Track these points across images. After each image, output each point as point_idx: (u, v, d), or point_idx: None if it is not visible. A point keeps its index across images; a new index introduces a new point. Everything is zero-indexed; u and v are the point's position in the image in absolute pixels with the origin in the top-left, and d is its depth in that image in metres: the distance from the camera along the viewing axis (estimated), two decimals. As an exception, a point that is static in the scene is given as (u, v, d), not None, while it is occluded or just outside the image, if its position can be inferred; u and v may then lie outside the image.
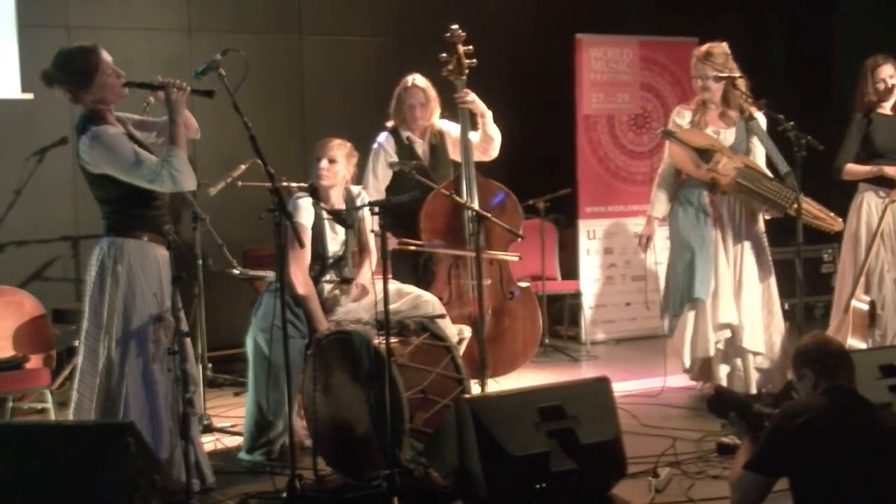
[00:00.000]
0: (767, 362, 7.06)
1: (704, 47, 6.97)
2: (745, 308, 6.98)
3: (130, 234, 5.18)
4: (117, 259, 5.13)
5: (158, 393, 5.16)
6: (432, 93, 7.02)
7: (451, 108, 7.05)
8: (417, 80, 7.01)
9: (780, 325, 7.10)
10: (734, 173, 6.81)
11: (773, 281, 7.16)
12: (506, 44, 9.67)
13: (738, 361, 7.03)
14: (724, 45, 6.97)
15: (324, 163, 6.15)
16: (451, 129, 7.11)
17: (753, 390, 7.01)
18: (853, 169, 7.34)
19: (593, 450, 5.04)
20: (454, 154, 7.09)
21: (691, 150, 6.83)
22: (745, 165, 6.85)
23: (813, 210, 6.87)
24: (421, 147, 7.04)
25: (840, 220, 7.03)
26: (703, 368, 7.18)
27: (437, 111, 7.07)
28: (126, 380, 5.10)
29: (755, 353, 7.01)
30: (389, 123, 7.07)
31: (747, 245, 7.07)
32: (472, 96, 6.97)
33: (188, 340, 5.24)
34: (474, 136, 7.03)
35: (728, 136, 6.97)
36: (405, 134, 7.01)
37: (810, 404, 4.12)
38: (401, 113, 7.03)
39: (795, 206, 6.62)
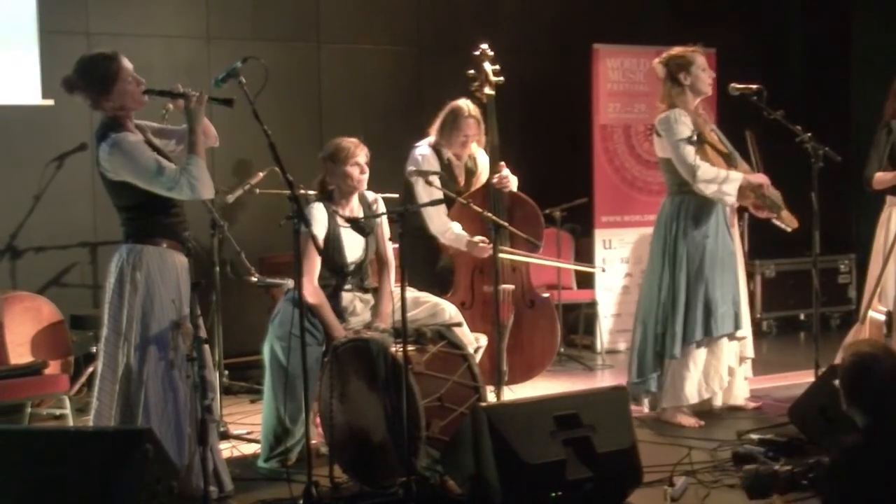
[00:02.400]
0: None
1: (682, 49, 6.84)
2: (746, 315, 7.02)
3: (149, 240, 5.20)
4: (136, 266, 5.15)
5: (178, 399, 5.18)
6: (482, 125, 7.07)
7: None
8: (473, 110, 7.03)
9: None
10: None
11: None
12: (523, 53, 9.67)
13: (738, 373, 7.02)
14: None
15: (356, 170, 6.13)
16: (482, 158, 7.20)
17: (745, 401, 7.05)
18: (882, 177, 7.33)
19: (609, 458, 5.06)
20: (475, 184, 7.14)
21: (721, 155, 6.75)
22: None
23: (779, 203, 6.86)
24: (459, 169, 7.12)
25: (795, 219, 6.96)
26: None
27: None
28: (145, 386, 5.12)
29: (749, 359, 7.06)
30: (432, 139, 7.11)
31: (740, 250, 7.07)
32: (506, 179, 7.04)
33: (206, 347, 5.26)
34: None
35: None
36: (447, 154, 7.07)
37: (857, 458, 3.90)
38: (450, 138, 7.05)
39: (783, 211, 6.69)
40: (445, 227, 6.94)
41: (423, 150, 7.07)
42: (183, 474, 5.12)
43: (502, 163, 7.05)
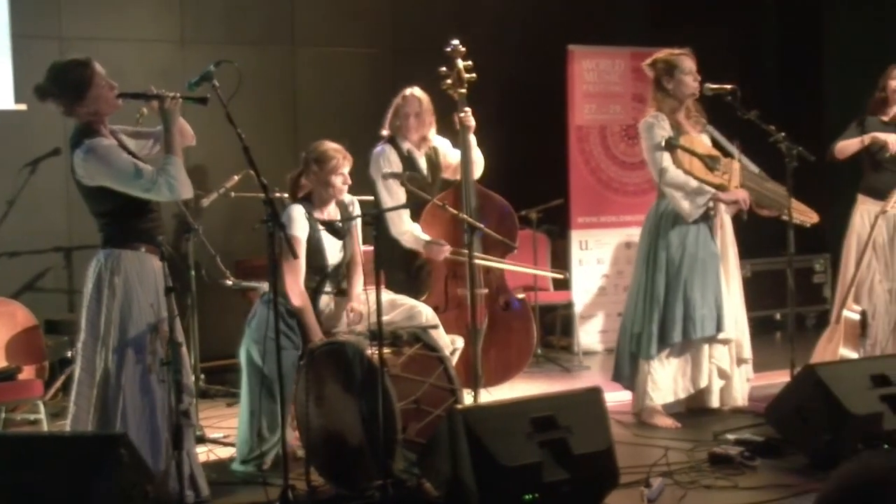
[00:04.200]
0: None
1: (668, 52, 6.85)
2: (739, 318, 6.97)
3: (128, 245, 5.17)
4: (114, 271, 5.12)
5: (156, 404, 5.15)
6: (428, 106, 7.06)
7: (446, 123, 7.11)
8: (416, 91, 7.07)
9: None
10: (741, 175, 6.78)
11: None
12: (498, 55, 9.69)
13: (735, 374, 6.99)
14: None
15: (340, 180, 6.14)
16: (443, 146, 7.20)
17: (746, 402, 7.02)
18: (844, 145, 7.37)
19: (585, 460, 5.05)
20: (445, 172, 7.14)
21: (699, 158, 6.71)
22: (742, 167, 6.83)
23: (797, 206, 6.83)
24: (420, 160, 7.08)
25: (814, 213, 6.98)
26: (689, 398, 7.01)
27: (433, 127, 7.11)
28: (123, 391, 5.09)
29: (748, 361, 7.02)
30: (385, 132, 7.10)
31: (733, 251, 7.04)
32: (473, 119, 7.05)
33: (184, 351, 5.24)
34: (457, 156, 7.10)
35: (706, 140, 6.92)
36: (405, 146, 7.04)
37: None
38: (396, 121, 7.06)
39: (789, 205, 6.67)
40: (405, 230, 6.92)
41: (379, 148, 7.04)
42: (160, 480, 5.10)
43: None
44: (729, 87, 6.72)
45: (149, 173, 5.05)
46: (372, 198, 7.03)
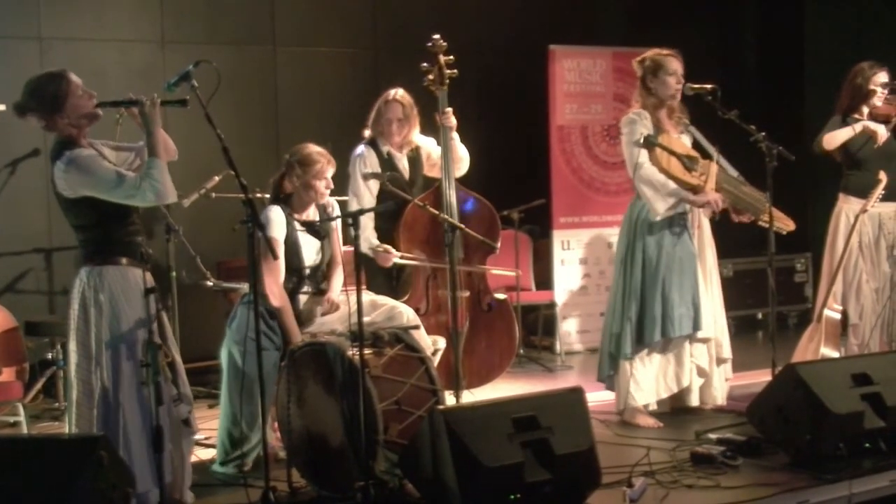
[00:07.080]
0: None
1: (657, 51, 6.83)
2: (718, 317, 6.97)
3: (109, 261, 5.12)
4: (98, 288, 5.07)
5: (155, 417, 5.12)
6: (412, 110, 7.00)
7: (429, 120, 7.08)
8: (399, 94, 6.99)
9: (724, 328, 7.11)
10: (718, 178, 6.75)
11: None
12: (480, 55, 9.70)
13: (714, 373, 6.99)
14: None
15: (323, 184, 6.14)
16: (427, 144, 7.14)
17: (725, 401, 7.02)
18: (832, 135, 7.35)
19: (567, 460, 5.04)
20: (429, 170, 7.11)
21: (677, 157, 6.69)
22: (720, 170, 6.82)
23: (775, 213, 6.81)
24: (401, 162, 7.04)
25: (791, 220, 6.96)
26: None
27: (416, 129, 7.07)
28: (122, 408, 5.04)
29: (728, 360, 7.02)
30: (367, 133, 7.04)
31: (711, 251, 7.03)
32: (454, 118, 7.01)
33: (179, 361, 5.26)
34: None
35: (686, 140, 6.92)
36: (385, 148, 7.00)
37: None
38: (378, 126, 7.00)
39: (767, 211, 6.64)
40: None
41: (359, 149, 6.98)
42: (167, 490, 5.07)
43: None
44: (709, 86, 6.72)
45: (131, 179, 5.01)
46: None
